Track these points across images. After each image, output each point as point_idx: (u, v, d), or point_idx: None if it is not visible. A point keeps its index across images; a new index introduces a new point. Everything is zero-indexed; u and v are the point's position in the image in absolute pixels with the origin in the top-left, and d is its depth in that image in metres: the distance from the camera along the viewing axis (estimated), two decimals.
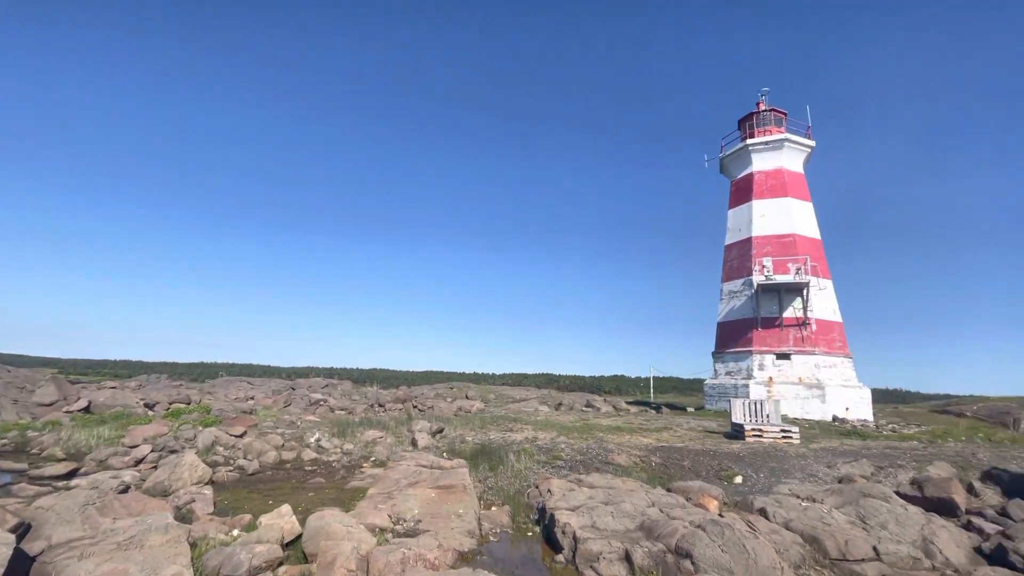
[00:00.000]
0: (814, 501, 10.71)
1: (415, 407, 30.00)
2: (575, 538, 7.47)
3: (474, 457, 13.71)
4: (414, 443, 15.82)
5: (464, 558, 7.39)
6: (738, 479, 12.77)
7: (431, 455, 12.90)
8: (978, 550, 9.78)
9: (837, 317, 29.13)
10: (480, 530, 8.79)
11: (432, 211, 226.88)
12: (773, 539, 8.78)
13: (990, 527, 10.27)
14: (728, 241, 33.01)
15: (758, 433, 17.35)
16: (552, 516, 8.38)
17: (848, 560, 8.84)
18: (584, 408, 33.92)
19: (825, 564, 8.73)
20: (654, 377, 62.01)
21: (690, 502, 10.04)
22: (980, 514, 11.13)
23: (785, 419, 21.35)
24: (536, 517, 9.84)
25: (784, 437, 17.19)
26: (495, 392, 44.70)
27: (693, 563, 6.85)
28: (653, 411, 32.33)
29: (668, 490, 10.88)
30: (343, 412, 27.50)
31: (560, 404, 36.22)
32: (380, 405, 29.28)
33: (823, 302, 28.68)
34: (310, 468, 13.51)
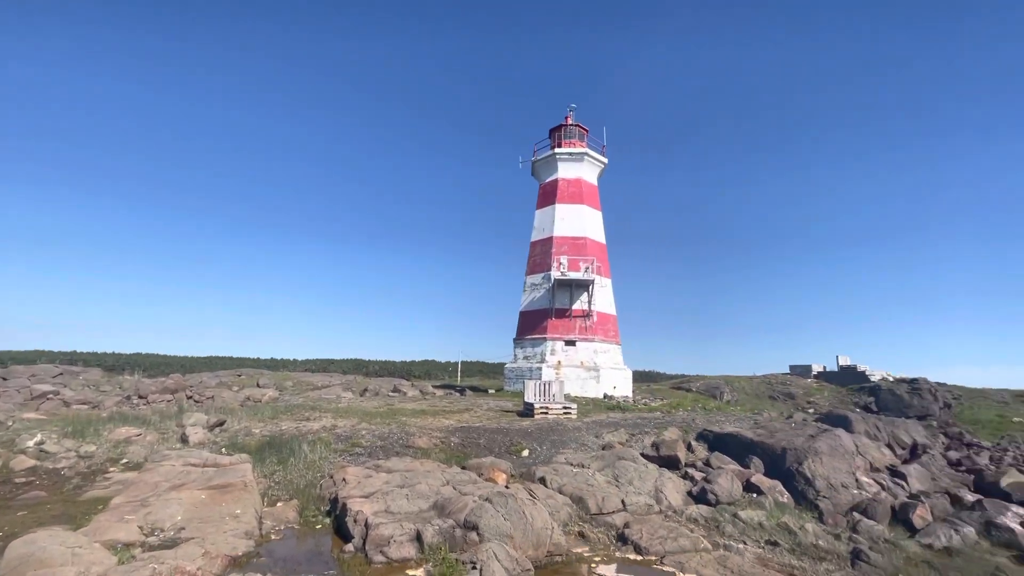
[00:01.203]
0: (582, 467, 12.55)
1: (190, 398, 25.70)
2: (367, 525, 7.38)
3: (260, 451, 12.43)
4: (184, 439, 13.58)
5: (237, 563, 6.66)
6: (525, 452, 14.20)
7: (206, 452, 11.25)
8: (690, 493, 12.73)
9: (613, 310, 34.55)
10: (260, 529, 8.04)
11: (256, 188, 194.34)
12: (548, 503, 10.02)
13: (698, 475, 13.45)
14: (534, 238, 36.22)
15: (545, 410, 19.57)
16: (344, 505, 8.12)
17: (604, 513, 10.60)
18: (391, 393, 33.57)
19: (587, 519, 10.32)
20: (462, 361, 64.69)
21: (482, 477, 10.80)
22: (693, 466, 14.51)
23: (568, 398, 24.44)
24: (328, 509, 9.41)
25: (565, 413, 19.72)
26: (294, 379, 41.06)
27: (479, 533, 7.40)
28: (458, 394, 33.77)
29: (463, 468, 11.51)
30: (85, 407, 22.07)
31: (366, 390, 35.16)
32: (141, 397, 24.28)
33: (604, 297, 33.68)
34: (24, 479, 10.52)
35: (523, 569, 6.72)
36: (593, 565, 8.45)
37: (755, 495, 12.75)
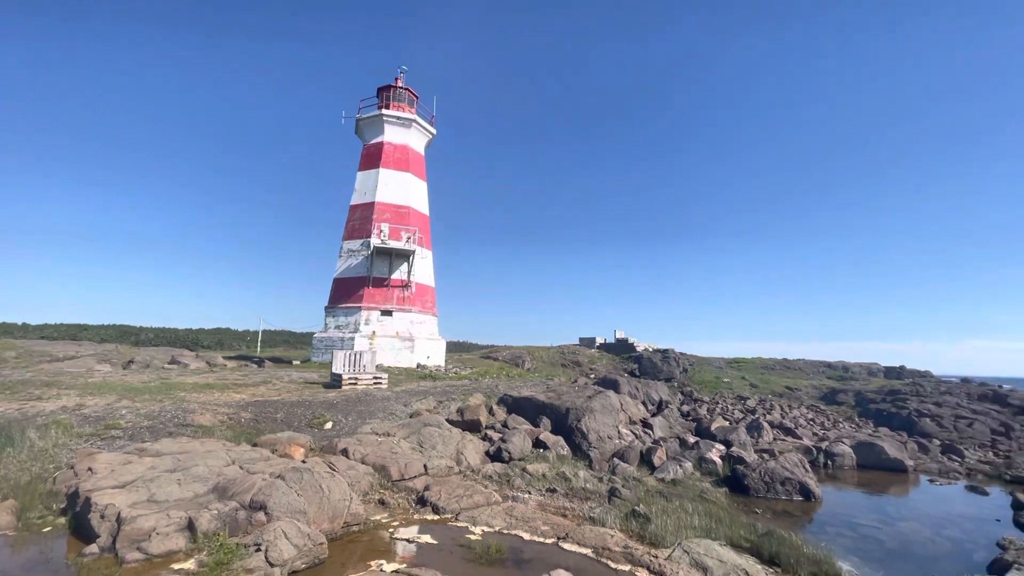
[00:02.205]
0: (388, 435, 12.64)
1: None
2: (119, 519, 6.28)
3: None
4: None
5: None
6: (328, 424, 13.66)
7: None
8: (488, 453, 13.87)
9: (432, 282, 34.99)
10: None
11: None
12: (349, 474, 9.86)
13: (496, 436, 14.71)
14: (354, 201, 34.20)
15: (354, 381, 19.01)
16: (87, 500, 6.75)
17: (406, 479, 10.88)
18: (167, 366, 28.54)
19: (388, 487, 10.47)
20: (264, 331, 58.25)
21: (276, 453, 10.07)
22: (493, 428, 15.81)
23: (380, 368, 24.13)
24: (64, 507, 7.71)
25: (376, 384, 19.46)
26: (19, 348, 31.81)
27: (267, 513, 6.93)
28: (255, 365, 30.45)
29: (254, 445, 10.55)
30: None
31: (131, 362, 29.20)
32: None
33: (423, 269, 33.82)
34: None
35: (316, 543, 6.55)
36: (392, 530, 8.67)
37: (542, 450, 14.55)
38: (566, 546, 8.47)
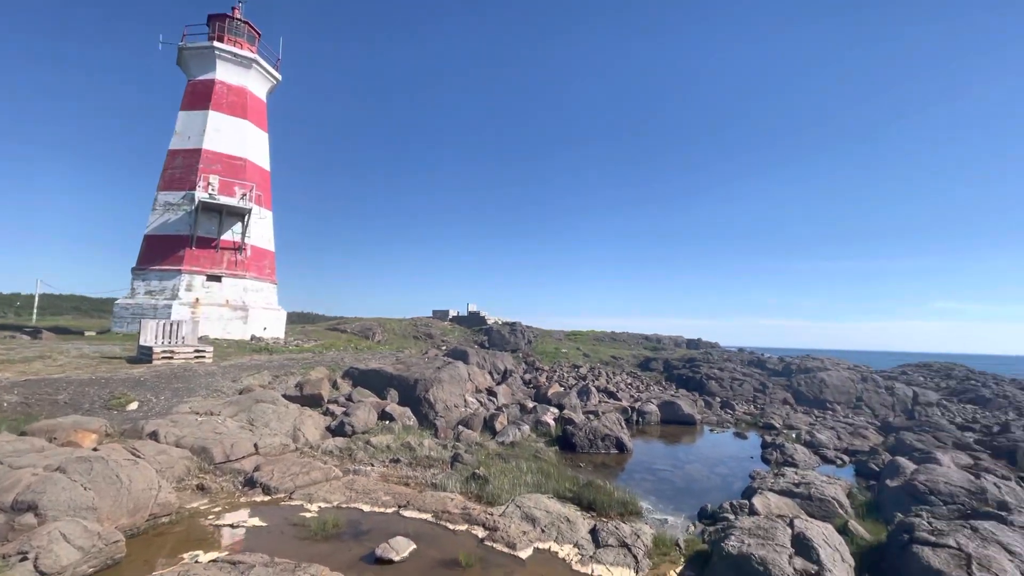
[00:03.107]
0: (212, 414, 11.36)
1: None
2: None
3: None
4: None
5: None
6: (133, 405, 11.75)
7: None
8: (329, 428, 13.33)
9: (271, 246, 31.64)
10: None
11: None
12: (159, 460, 8.69)
13: (339, 410, 14.18)
14: (174, 146, 28.95)
15: (169, 355, 16.52)
16: None
17: (232, 460, 9.95)
18: None
19: (210, 470, 9.48)
20: (43, 295, 47.03)
21: (55, 442, 8.39)
22: (336, 402, 15.19)
23: (204, 340, 21.35)
24: None
25: (197, 357, 17.19)
26: None
27: (38, 514, 5.78)
28: (27, 337, 24.49)
29: (22, 434, 8.63)
30: None
31: None
32: None
33: (261, 231, 30.36)
34: None
35: (109, 542, 5.68)
36: (213, 516, 7.91)
37: (388, 422, 14.46)
38: (407, 514, 8.66)
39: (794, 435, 18.54)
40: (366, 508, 8.73)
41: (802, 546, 7.07)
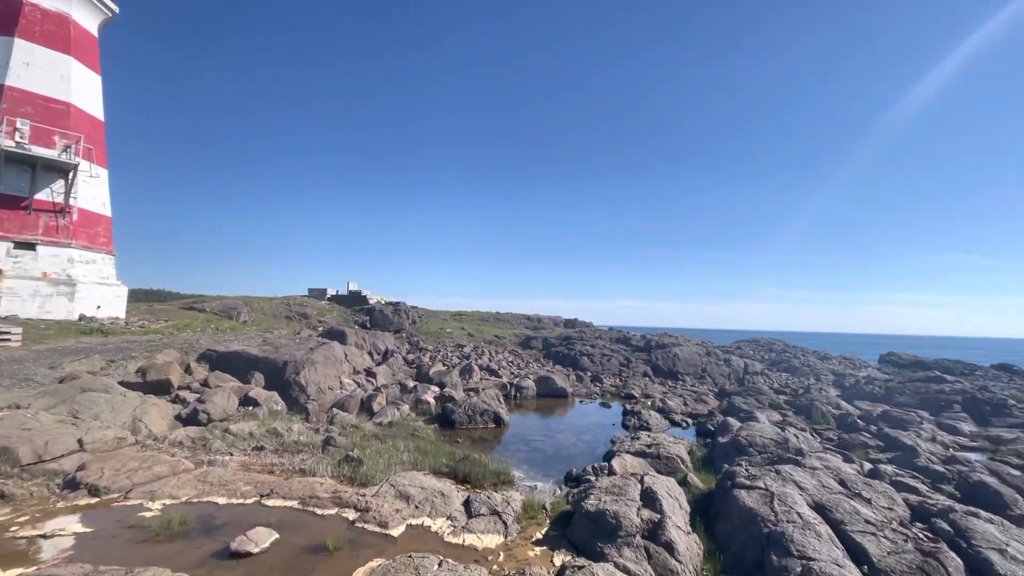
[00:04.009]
0: (18, 407, 9.52)
1: None
2: None
3: None
4: None
5: None
6: None
7: None
8: (179, 417, 11.94)
9: (107, 211, 26.87)
10: None
11: None
12: None
13: (192, 397, 12.76)
14: None
15: None
16: None
17: (46, 460, 8.48)
18: None
19: (13, 473, 7.98)
20: None
21: None
22: (189, 388, 13.62)
23: (11, 320, 17.71)
24: None
25: (1, 340, 14.20)
26: None
27: None
28: None
29: None
30: None
31: None
32: None
33: (93, 192, 25.61)
34: None
35: None
36: (18, 528, 6.69)
37: (252, 408, 13.34)
38: (270, 503, 8.14)
39: (650, 403, 20.80)
40: (222, 501, 8.03)
41: (648, 499, 8.02)
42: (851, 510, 7.67)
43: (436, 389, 18.29)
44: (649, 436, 13.52)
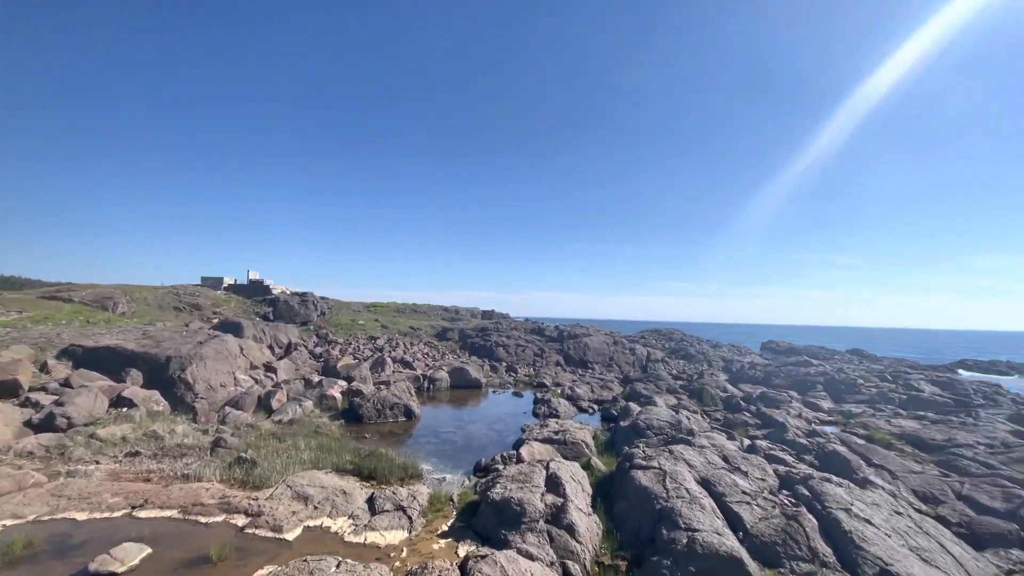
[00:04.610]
0: None
1: None
2: None
3: None
4: None
5: None
6: None
7: None
8: (29, 423, 10.32)
9: None
10: None
11: None
12: None
13: (48, 399, 11.08)
14: None
15: None
16: None
17: None
18: None
19: None
20: None
21: None
22: (44, 389, 11.81)
23: None
24: None
25: None
26: None
27: None
28: None
29: None
30: None
31: None
32: None
33: None
34: None
35: None
36: None
37: (126, 409, 11.87)
38: (144, 514, 7.29)
39: (560, 391, 21.53)
40: (82, 517, 7.07)
41: (553, 484, 8.26)
42: (731, 483, 8.46)
43: (344, 383, 17.50)
44: (557, 423, 13.97)
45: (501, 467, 10.46)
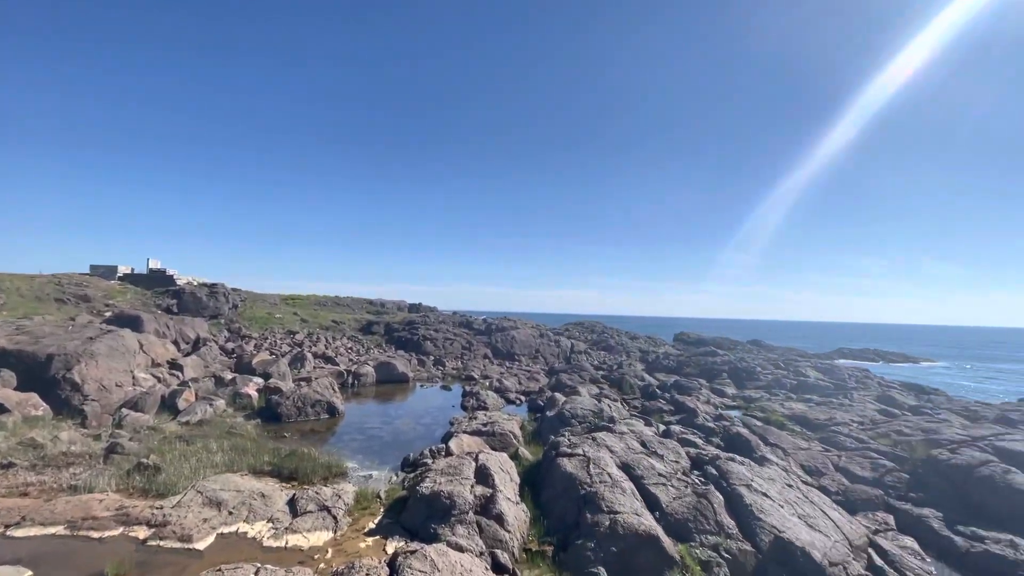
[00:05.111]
0: None
1: None
2: None
3: None
4: None
5: None
6: None
7: None
8: None
9: None
10: None
11: None
12: None
13: None
14: None
15: None
16: None
17: None
18: None
19: None
20: None
21: None
22: None
23: None
24: None
25: None
26: None
27: None
28: None
29: None
30: None
31: None
32: None
33: None
34: None
35: None
36: None
37: None
38: (21, 533, 6.48)
39: (488, 383, 21.74)
40: None
41: (482, 475, 8.37)
42: (649, 466, 9.04)
43: (260, 381, 16.47)
44: (486, 415, 14.12)
45: (430, 461, 10.41)
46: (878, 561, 7.31)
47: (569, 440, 10.43)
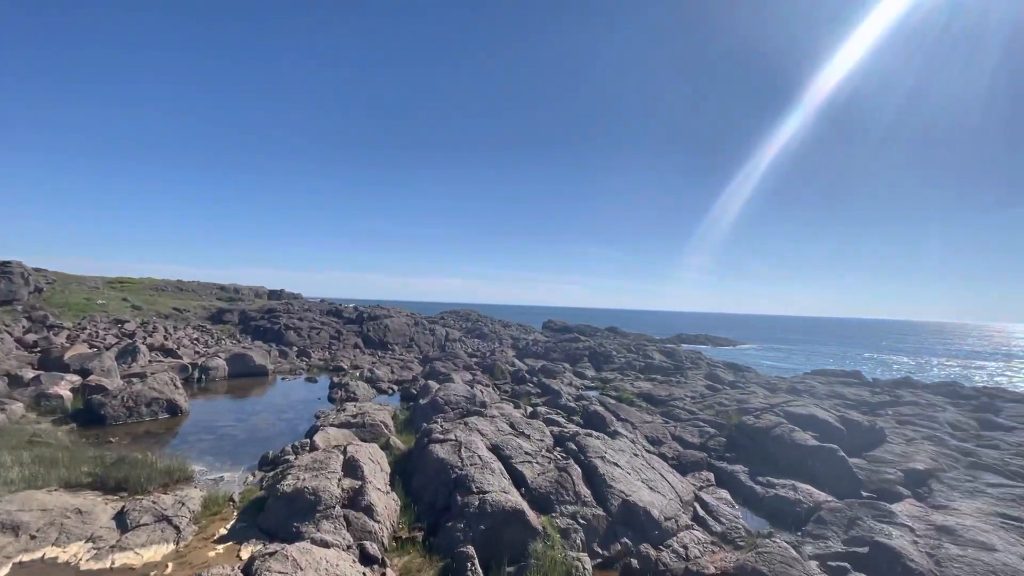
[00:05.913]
0: None
1: None
2: None
3: None
4: None
5: None
6: None
7: None
8: None
9: None
10: None
11: None
12: None
13: None
14: None
15: None
16: None
17: None
18: None
19: None
20: None
21: None
22: None
23: None
24: None
25: None
26: None
27: None
28: None
29: None
30: None
31: None
32: None
33: None
34: None
35: None
36: None
37: None
38: None
39: (359, 374, 20.93)
40: None
41: (351, 468, 8.12)
42: (517, 446, 9.56)
43: (75, 378, 13.85)
44: (356, 406, 13.62)
45: (292, 457, 9.78)
46: (701, 512, 8.71)
47: (442, 426, 10.56)
